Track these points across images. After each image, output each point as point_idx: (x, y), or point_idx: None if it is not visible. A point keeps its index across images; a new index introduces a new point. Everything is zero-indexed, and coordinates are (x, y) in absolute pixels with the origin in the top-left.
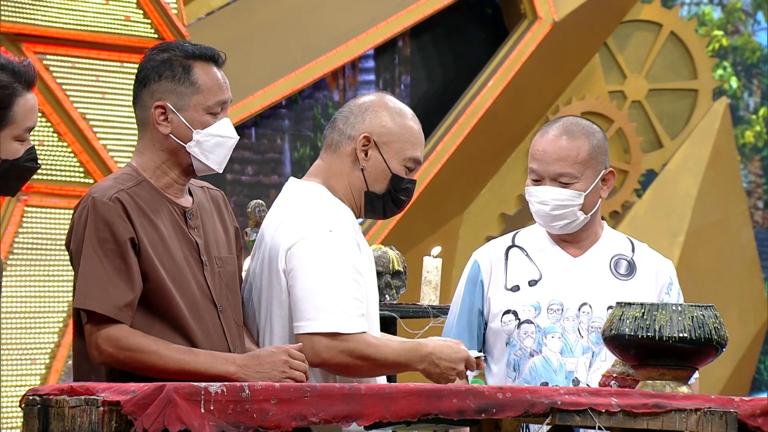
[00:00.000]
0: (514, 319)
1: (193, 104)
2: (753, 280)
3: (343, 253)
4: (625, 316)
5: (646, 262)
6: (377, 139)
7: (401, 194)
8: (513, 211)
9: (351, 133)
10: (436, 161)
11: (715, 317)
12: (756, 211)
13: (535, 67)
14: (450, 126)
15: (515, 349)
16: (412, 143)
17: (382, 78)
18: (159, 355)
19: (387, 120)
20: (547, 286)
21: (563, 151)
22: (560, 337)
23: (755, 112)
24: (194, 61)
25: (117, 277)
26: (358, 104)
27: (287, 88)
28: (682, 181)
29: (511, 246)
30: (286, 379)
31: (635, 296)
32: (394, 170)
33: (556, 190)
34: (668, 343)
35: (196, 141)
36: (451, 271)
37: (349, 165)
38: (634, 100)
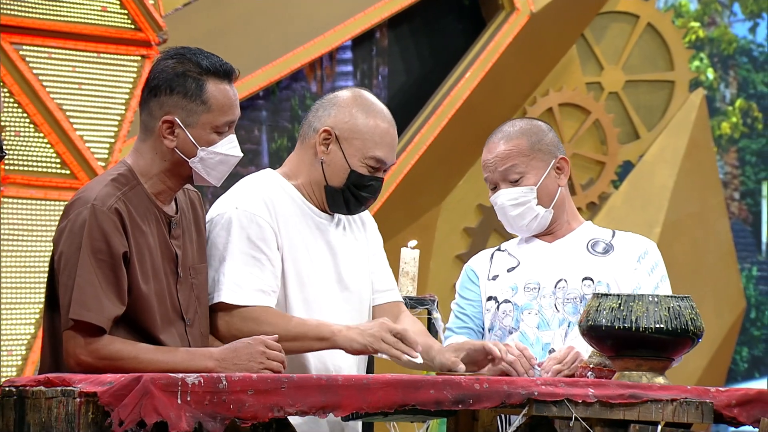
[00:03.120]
0: (495, 303)
1: (201, 122)
2: (729, 271)
3: (241, 229)
4: (602, 307)
5: (625, 242)
6: (339, 134)
7: (363, 191)
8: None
9: (316, 126)
10: (413, 153)
11: (691, 308)
12: (732, 202)
13: (512, 58)
14: (427, 117)
15: (495, 330)
16: (375, 142)
17: (359, 69)
18: (138, 360)
19: (352, 116)
20: (525, 269)
21: (503, 152)
22: (537, 313)
23: (731, 104)
24: (208, 77)
25: (109, 290)
26: (330, 98)
27: (264, 79)
28: (658, 172)
29: (497, 250)
30: (264, 370)
31: (611, 270)
32: (353, 166)
33: (508, 191)
34: (645, 334)
35: (200, 158)
36: (429, 263)
37: (312, 157)
38: (611, 91)
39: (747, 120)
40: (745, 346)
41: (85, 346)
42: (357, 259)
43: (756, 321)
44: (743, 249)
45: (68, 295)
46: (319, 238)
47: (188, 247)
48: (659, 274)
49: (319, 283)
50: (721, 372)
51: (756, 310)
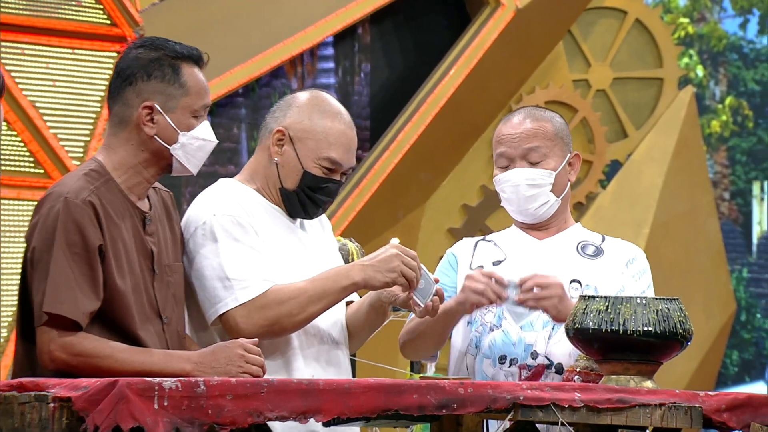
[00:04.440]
0: None
1: (181, 106)
2: (719, 273)
3: (226, 232)
4: (589, 310)
5: (614, 247)
6: (292, 135)
7: (319, 194)
8: (475, 202)
9: (271, 127)
10: (396, 151)
11: (680, 310)
12: (722, 202)
13: (497, 55)
14: (411, 115)
15: (476, 326)
16: (329, 143)
17: (341, 66)
18: (114, 359)
19: (308, 117)
20: (511, 264)
21: (530, 130)
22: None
23: (721, 102)
24: (182, 61)
25: (85, 284)
26: (288, 99)
27: (244, 75)
28: (647, 171)
29: (481, 240)
30: (243, 374)
31: (600, 274)
32: (307, 168)
33: (527, 170)
34: (632, 337)
35: (181, 144)
36: None
37: (267, 159)
38: (599, 88)
39: (737, 118)
40: (735, 350)
41: (59, 342)
42: (327, 258)
43: (746, 324)
44: (733, 250)
45: (42, 289)
46: (292, 238)
47: (163, 244)
48: (646, 282)
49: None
50: (711, 376)
51: (746, 312)
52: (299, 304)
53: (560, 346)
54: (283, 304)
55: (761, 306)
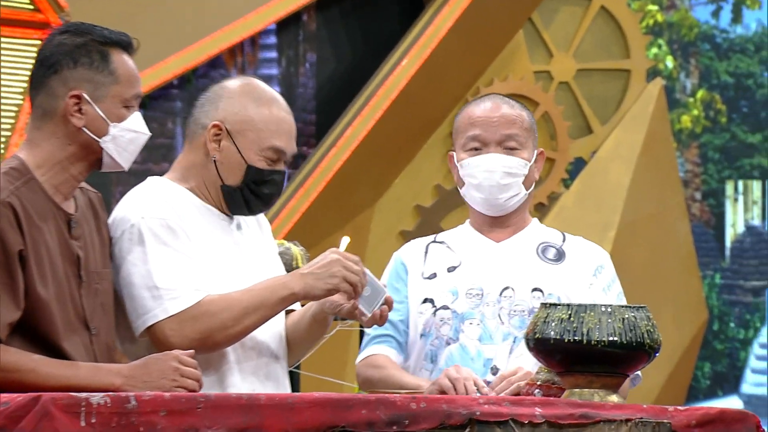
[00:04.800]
0: (431, 307)
1: (111, 95)
2: (690, 279)
3: (155, 237)
4: (550, 319)
5: (577, 250)
6: (230, 128)
7: (264, 188)
8: (429, 202)
9: (204, 122)
10: (344, 148)
11: (647, 319)
12: (693, 203)
13: (453, 44)
14: (360, 109)
15: (431, 339)
16: (271, 131)
17: (284, 55)
18: (36, 373)
19: (242, 107)
20: (467, 271)
21: (510, 116)
22: (479, 324)
23: (692, 95)
24: (111, 47)
25: (3, 292)
26: (216, 90)
27: (179, 66)
28: (613, 169)
29: (432, 242)
30: (177, 388)
31: (563, 281)
32: (250, 161)
33: (504, 157)
34: (597, 347)
35: (112, 136)
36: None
37: (203, 157)
38: (561, 81)
39: (709, 113)
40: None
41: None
42: (265, 261)
43: (719, 333)
44: (705, 254)
45: None
46: (227, 241)
47: (90, 249)
48: (615, 292)
49: (235, 288)
50: (681, 389)
51: (719, 321)
52: (233, 317)
53: (522, 360)
54: (216, 316)
55: (735, 314)
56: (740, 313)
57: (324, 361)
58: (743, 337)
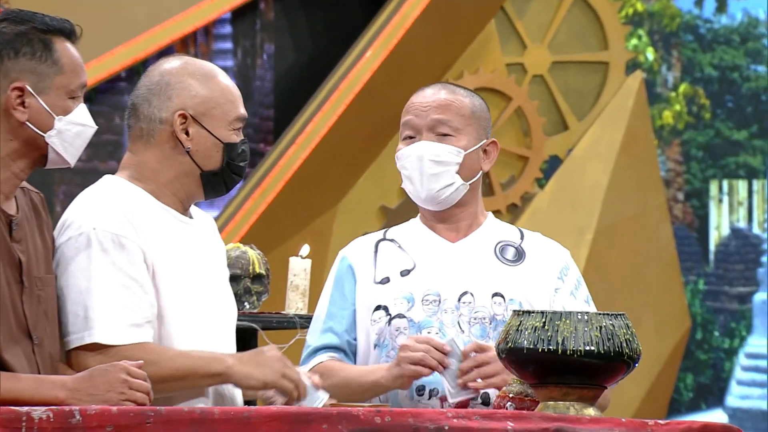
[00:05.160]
0: (385, 315)
1: (55, 86)
2: (671, 285)
3: (104, 253)
4: (523, 327)
5: (537, 248)
6: (194, 113)
7: (239, 161)
8: (395, 203)
9: (162, 116)
10: (304, 145)
11: (626, 327)
12: (675, 204)
13: (420, 34)
14: (321, 104)
15: (387, 350)
16: (231, 102)
17: (240, 46)
18: None
19: (197, 87)
20: (422, 275)
21: (443, 101)
22: (438, 332)
23: (674, 89)
24: (54, 35)
25: None
26: (156, 82)
27: (127, 57)
28: (590, 169)
29: (382, 240)
30: (126, 401)
31: (525, 283)
32: (225, 139)
33: (433, 144)
34: (572, 357)
35: (57, 130)
36: (322, 275)
37: (170, 152)
38: (536, 74)
39: (692, 108)
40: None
41: None
42: (223, 266)
43: (702, 343)
44: (688, 259)
45: None
46: (188, 245)
47: (32, 253)
48: (583, 295)
49: (201, 296)
50: (662, 402)
51: (702, 330)
52: (159, 375)
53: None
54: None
55: (719, 323)
56: (725, 321)
57: None
58: (728, 346)
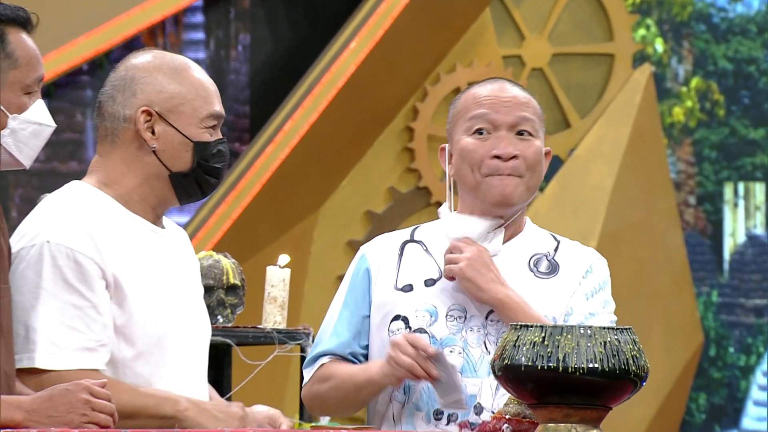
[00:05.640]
0: (404, 327)
1: (9, 82)
2: (682, 296)
3: (55, 269)
4: (521, 342)
5: (570, 259)
6: (160, 110)
7: (213, 162)
8: (382, 208)
9: (126, 114)
10: (283, 145)
11: (633, 343)
12: (686, 208)
13: (409, 24)
14: (301, 99)
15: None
16: (203, 98)
17: (213, 37)
18: None
19: (164, 82)
20: (448, 286)
21: (524, 97)
22: (461, 352)
23: (686, 83)
24: (6, 26)
25: None
26: (122, 77)
27: (89, 48)
28: (594, 170)
29: (409, 241)
30: (88, 423)
31: (556, 299)
32: (195, 137)
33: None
34: (574, 375)
35: (11, 129)
36: (303, 286)
37: (135, 152)
38: (535, 67)
39: (705, 104)
40: (702, 392)
41: None
42: (196, 280)
43: (716, 360)
44: (700, 268)
45: None
46: (158, 257)
47: None
48: (601, 300)
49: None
50: (673, 424)
51: (716, 345)
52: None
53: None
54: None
55: (734, 338)
56: (741, 336)
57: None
58: (744, 364)
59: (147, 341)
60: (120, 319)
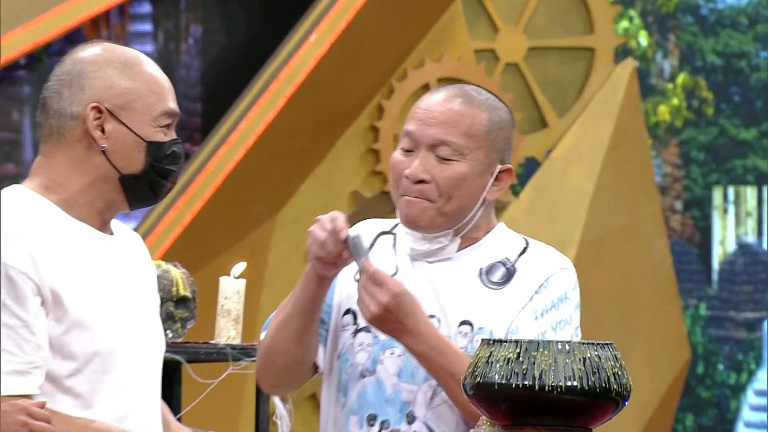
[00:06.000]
0: (352, 323)
1: None
2: (668, 309)
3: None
4: (494, 358)
5: (531, 265)
6: (110, 106)
7: (166, 163)
8: (345, 213)
9: (74, 111)
10: (237, 145)
11: (614, 359)
12: (673, 214)
13: (374, 15)
14: (257, 96)
15: (347, 366)
16: (158, 94)
17: (161, 28)
18: None
19: (115, 76)
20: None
21: (455, 114)
22: (401, 355)
23: (672, 80)
24: None
25: None
26: (68, 71)
27: (26, 41)
28: (573, 173)
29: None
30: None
31: (502, 309)
32: (148, 136)
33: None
34: (551, 394)
35: None
36: (259, 298)
37: (83, 153)
38: (509, 62)
39: (693, 102)
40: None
41: None
42: (151, 292)
43: (704, 378)
44: (687, 279)
45: None
46: (106, 267)
47: None
48: (551, 320)
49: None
50: None
51: (704, 362)
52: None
53: (446, 409)
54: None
55: (724, 354)
56: (731, 352)
57: (213, 414)
58: (734, 382)
59: (86, 357)
60: (56, 332)
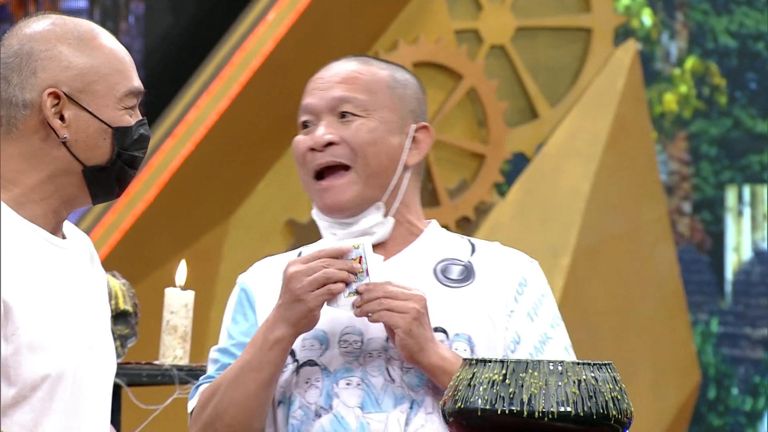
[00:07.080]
0: (291, 361)
1: None
2: (675, 325)
3: None
4: (477, 381)
5: (491, 262)
6: (69, 90)
7: (134, 150)
8: (306, 217)
9: (27, 98)
10: (184, 140)
11: (613, 381)
12: (680, 217)
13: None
14: (207, 83)
15: (294, 408)
16: (120, 72)
17: (98, 5)
18: None
19: (70, 55)
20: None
21: (351, 72)
22: (360, 384)
23: (679, 64)
24: None
25: None
26: (14, 52)
27: None
28: (567, 171)
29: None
30: None
31: (474, 311)
32: (114, 121)
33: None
34: (542, 421)
35: None
36: (210, 311)
37: (39, 145)
38: (495, 44)
39: (703, 90)
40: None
41: None
42: (102, 305)
43: (717, 403)
44: (697, 291)
45: None
46: (57, 277)
47: None
48: (547, 316)
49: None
50: None
51: (717, 385)
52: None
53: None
54: None
55: (738, 376)
56: (746, 374)
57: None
58: (750, 408)
59: (34, 382)
60: (4, 352)
